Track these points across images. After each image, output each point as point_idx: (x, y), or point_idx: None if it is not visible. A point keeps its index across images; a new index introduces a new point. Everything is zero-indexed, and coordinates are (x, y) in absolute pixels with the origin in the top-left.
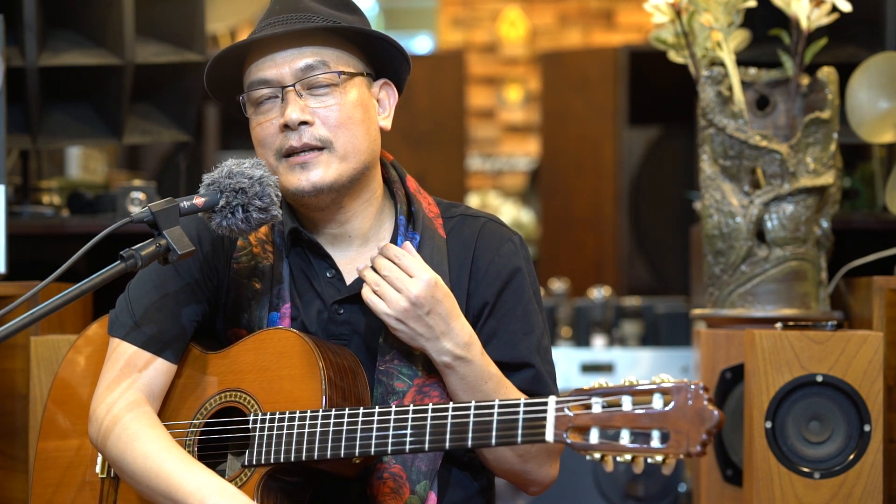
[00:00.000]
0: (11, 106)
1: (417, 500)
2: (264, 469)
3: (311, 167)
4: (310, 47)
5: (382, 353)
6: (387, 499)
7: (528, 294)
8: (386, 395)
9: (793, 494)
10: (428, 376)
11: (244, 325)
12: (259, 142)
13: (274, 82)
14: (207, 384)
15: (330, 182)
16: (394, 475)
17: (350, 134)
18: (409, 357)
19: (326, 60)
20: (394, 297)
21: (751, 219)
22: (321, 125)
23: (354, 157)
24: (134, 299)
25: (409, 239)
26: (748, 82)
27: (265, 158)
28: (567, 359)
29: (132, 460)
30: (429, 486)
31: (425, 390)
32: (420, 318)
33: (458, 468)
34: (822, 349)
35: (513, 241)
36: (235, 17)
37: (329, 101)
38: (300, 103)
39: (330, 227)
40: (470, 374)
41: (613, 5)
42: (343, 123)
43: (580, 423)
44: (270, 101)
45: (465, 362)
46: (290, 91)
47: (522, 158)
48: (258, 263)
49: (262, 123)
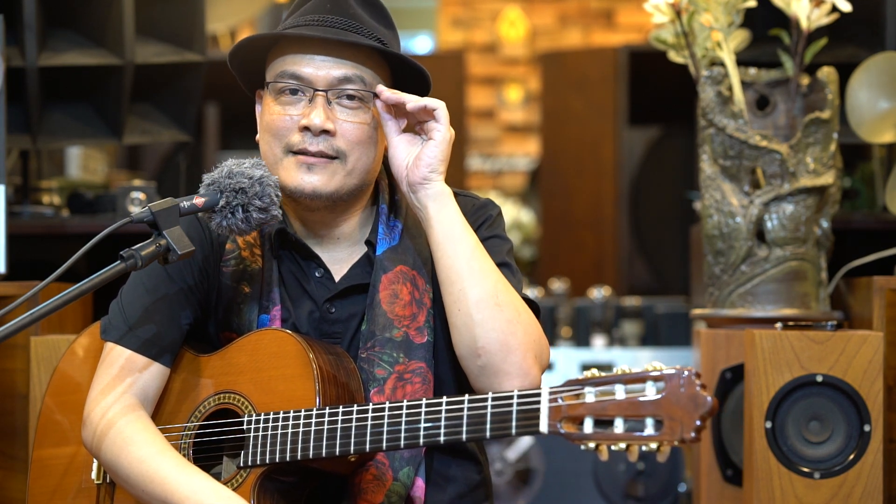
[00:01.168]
0: (11, 106)
1: (401, 487)
2: (260, 470)
3: (316, 171)
4: (352, 61)
5: (364, 340)
6: (370, 486)
7: (503, 239)
8: (367, 383)
9: (793, 494)
10: (409, 363)
11: (235, 328)
12: (270, 130)
13: (306, 81)
14: (202, 387)
15: (330, 192)
16: (376, 463)
17: (362, 152)
18: (389, 344)
19: (364, 77)
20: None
21: (751, 219)
22: (341, 137)
23: (359, 175)
24: (127, 303)
25: (391, 227)
26: (748, 82)
27: (270, 146)
28: (567, 359)
29: (127, 465)
30: (413, 473)
31: (406, 377)
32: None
33: (453, 462)
34: (822, 349)
35: (486, 205)
36: (235, 17)
37: (354, 116)
38: (327, 111)
39: (320, 228)
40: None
41: (613, 5)
42: (361, 141)
43: (574, 413)
44: (295, 96)
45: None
46: (320, 95)
47: (522, 158)
48: (247, 267)
49: (280, 115)
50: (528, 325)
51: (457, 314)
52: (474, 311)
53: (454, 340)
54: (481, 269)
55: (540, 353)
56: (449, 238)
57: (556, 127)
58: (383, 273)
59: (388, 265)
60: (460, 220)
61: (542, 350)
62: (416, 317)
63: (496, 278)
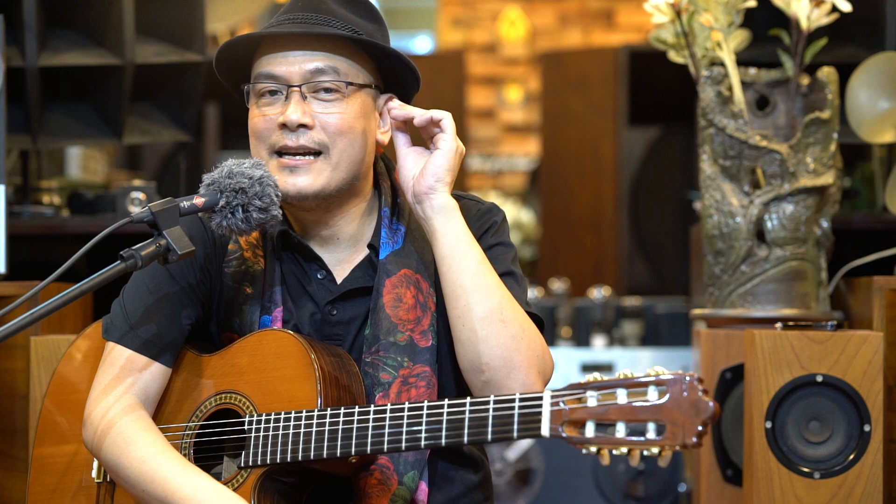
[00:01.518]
0: (11, 106)
1: (406, 492)
2: (260, 470)
3: (300, 173)
4: (323, 52)
5: (368, 344)
6: (374, 491)
7: (507, 247)
8: (372, 387)
9: (793, 494)
10: (413, 367)
11: (236, 328)
12: (255, 134)
13: (281, 79)
14: (203, 387)
15: (316, 190)
16: (381, 467)
17: (347, 143)
18: (394, 348)
19: (337, 68)
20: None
21: (751, 219)
22: (321, 129)
23: (346, 168)
24: (129, 303)
25: (394, 230)
26: (748, 82)
27: (256, 150)
28: (567, 359)
29: (127, 464)
30: (418, 477)
31: (411, 381)
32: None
33: (454, 463)
34: (822, 349)
35: (490, 210)
36: (235, 17)
37: (332, 108)
38: (303, 105)
39: (318, 228)
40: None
41: (613, 5)
42: (342, 132)
43: (576, 417)
44: (273, 97)
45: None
46: (294, 91)
47: (522, 158)
48: (249, 268)
49: (259, 117)
50: (532, 340)
51: (461, 329)
52: (479, 328)
53: (458, 354)
54: (486, 285)
55: (543, 369)
56: (454, 253)
57: (556, 127)
58: (387, 277)
59: (391, 269)
60: (465, 234)
61: (546, 366)
62: (420, 320)
63: (501, 293)
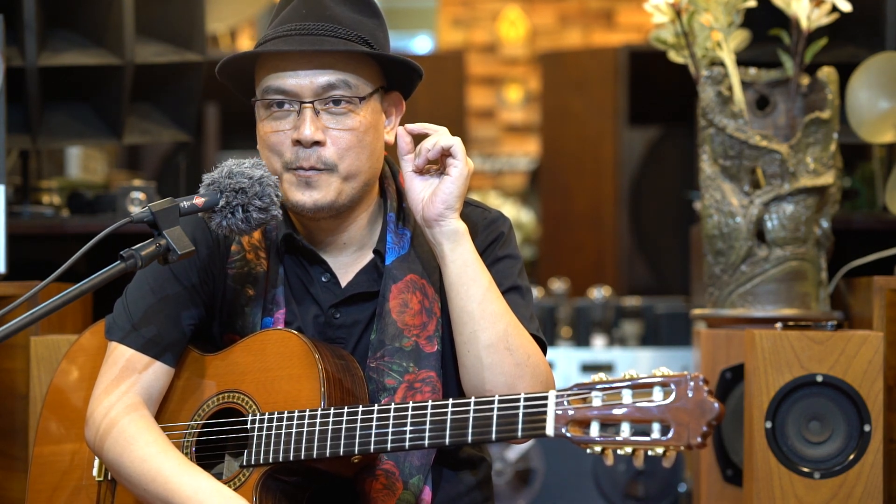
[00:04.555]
0: (11, 106)
1: (411, 496)
2: (263, 469)
3: (315, 186)
4: (334, 67)
5: (373, 349)
6: (379, 495)
7: (514, 259)
8: (377, 392)
9: (793, 494)
10: (419, 372)
11: (238, 330)
12: (269, 147)
13: (292, 94)
14: (206, 386)
15: (330, 201)
16: (386, 471)
17: (355, 156)
18: (399, 353)
19: (348, 81)
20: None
21: (751, 219)
22: (331, 146)
23: (357, 178)
24: (131, 303)
25: (400, 235)
26: (748, 82)
27: (269, 161)
28: (567, 359)
29: (129, 463)
30: (423, 481)
31: (417, 386)
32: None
33: (454, 463)
34: (822, 349)
35: (497, 220)
36: (235, 17)
37: (344, 121)
38: (316, 122)
39: (327, 235)
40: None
41: (613, 5)
42: (351, 147)
43: (580, 417)
44: (283, 108)
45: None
46: (307, 108)
47: (522, 158)
48: (251, 269)
49: (272, 131)
50: (536, 366)
51: (466, 355)
52: (484, 355)
53: (462, 379)
54: (493, 312)
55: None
56: (462, 279)
57: (556, 127)
58: (393, 282)
59: (397, 274)
60: (474, 260)
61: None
62: (426, 326)
63: (507, 320)
